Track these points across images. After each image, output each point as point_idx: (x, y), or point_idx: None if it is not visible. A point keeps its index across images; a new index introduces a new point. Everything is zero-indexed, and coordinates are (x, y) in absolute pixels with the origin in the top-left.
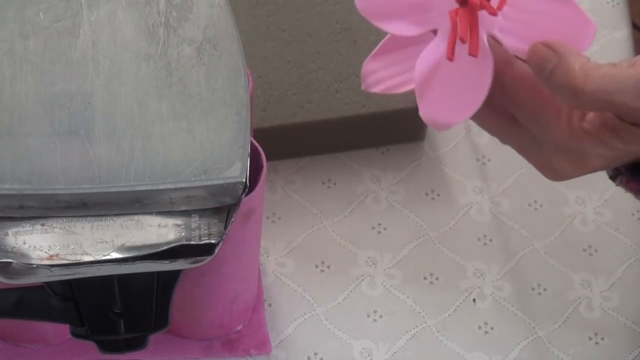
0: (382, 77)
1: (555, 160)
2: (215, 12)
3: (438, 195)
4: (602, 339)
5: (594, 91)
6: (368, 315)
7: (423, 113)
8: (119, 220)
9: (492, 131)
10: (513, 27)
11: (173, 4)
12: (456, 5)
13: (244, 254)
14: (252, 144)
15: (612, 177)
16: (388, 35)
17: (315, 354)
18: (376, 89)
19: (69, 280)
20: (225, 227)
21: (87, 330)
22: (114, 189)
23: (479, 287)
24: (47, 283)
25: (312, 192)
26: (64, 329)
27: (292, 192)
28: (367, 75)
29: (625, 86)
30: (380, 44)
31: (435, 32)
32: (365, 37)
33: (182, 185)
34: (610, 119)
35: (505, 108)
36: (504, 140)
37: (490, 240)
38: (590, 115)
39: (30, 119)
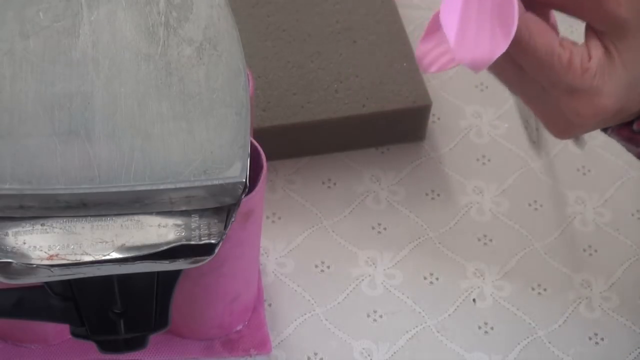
0: (435, 57)
1: (569, 103)
2: (215, 12)
3: (438, 195)
4: (602, 339)
5: None
6: (368, 315)
7: (459, 54)
8: (119, 220)
9: (502, 76)
10: None
11: (173, 4)
12: None
13: (244, 254)
14: (252, 144)
15: (604, 129)
16: (432, 15)
17: (315, 354)
18: (433, 70)
19: (69, 280)
20: (225, 227)
21: (87, 330)
22: (114, 189)
23: (479, 287)
24: (47, 283)
25: (312, 192)
26: (64, 329)
27: (292, 192)
28: (422, 58)
29: None
30: (427, 25)
31: None
32: (365, 37)
33: (182, 185)
34: (605, 51)
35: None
36: (513, 87)
37: (490, 240)
38: (593, 51)
39: (30, 119)
